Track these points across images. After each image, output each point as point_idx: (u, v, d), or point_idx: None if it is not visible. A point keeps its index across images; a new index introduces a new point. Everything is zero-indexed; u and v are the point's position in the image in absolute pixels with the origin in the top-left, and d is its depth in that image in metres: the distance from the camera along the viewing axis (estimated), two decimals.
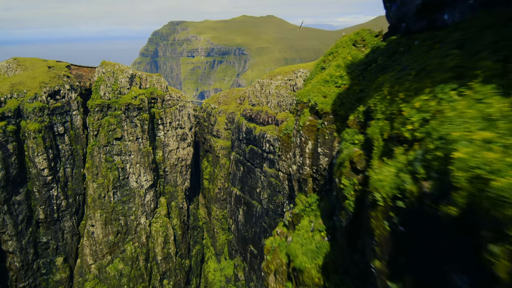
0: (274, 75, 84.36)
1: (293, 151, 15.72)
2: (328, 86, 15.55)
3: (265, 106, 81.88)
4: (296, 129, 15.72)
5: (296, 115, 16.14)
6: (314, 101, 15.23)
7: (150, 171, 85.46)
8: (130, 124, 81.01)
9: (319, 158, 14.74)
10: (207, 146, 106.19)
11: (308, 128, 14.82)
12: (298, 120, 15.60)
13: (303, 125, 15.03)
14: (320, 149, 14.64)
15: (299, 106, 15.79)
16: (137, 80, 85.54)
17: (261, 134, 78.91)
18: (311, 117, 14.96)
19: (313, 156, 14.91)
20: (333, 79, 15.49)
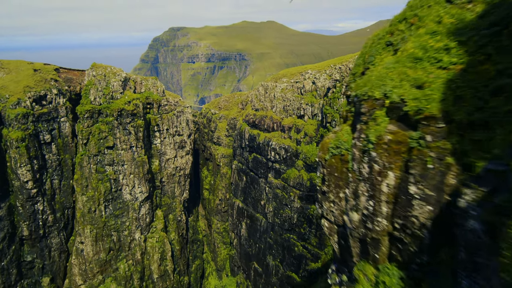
0: (279, 78, 77.16)
1: (354, 187, 8.54)
2: (422, 67, 8.26)
3: (270, 111, 74.59)
4: (360, 149, 8.48)
5: (357, 121, 8.95)
6: (397, 95, 7.98)
7: (145, 182, 77.97)
8: (123, 132, 73.67)
9: (412, 204, 7.53)
10: (207, 154, 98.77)
11: (389, 148, 7.57)
12: (364, 131, 8.35)
13: (378, 142, 7.77)
14: (415, 187, 7.42)
15: (364, 106, 8.52)
16: (131, 83, 78.36)
17: (266, 141, 71.54)
18: (393, 127, 7.73)
19: (397, 199, 7.69)
20: (431, 54, 8.21)
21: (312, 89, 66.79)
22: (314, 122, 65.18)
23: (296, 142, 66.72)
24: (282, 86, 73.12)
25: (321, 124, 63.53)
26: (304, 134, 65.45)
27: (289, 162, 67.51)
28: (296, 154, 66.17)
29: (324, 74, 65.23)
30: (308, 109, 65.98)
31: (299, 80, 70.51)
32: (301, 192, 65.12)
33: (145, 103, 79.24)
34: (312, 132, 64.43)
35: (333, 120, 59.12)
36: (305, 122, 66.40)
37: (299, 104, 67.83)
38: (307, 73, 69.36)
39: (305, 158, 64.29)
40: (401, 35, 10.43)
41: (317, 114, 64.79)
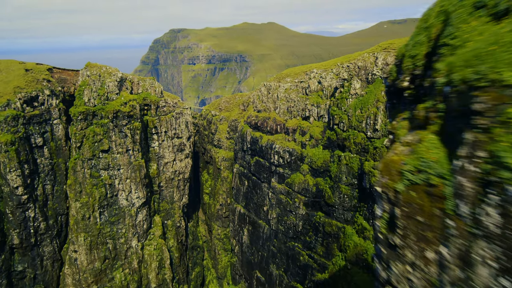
0: (282, 77, 73.19)
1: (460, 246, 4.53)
2: None
3: (273, 113, 70.59)
4: (476, 177, 4.51)
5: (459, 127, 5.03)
6: None
7: (143, 187, 73.98)
8: (119, 134, 69.73)
9: None
10: (207, 157, 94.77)
11: None
12: (483, 146, 4.45)
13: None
14: None
15: (483, 99, 4.60)
16: (128, 84, 74.46)
17: (269, 144, 67.49)
18: None
19: None
20: None
21: (318, 89, 62.80)
22: (320, 124, 61.17)
23: (301, 145, 62.70)
24: (286, 86, 69.14)
25: (327, 126, 59.51)
26: (310, 137, 61.43)
27: (293, 166, 63.48)
28: (301, 158, 62.14)
29: (331, 73, 61.24)
30: (314, 110, 61.97)
31: (303, 80, 66.53)
32: (306, 198, 61.05)
33: (142, 104, 75.35)
34: (318, 135, 60.41)
35: (341, 121, 55.12)
36: (311, 124, 62.39)
37: (304, 105, 63.84)
38: (312, 72, 65.38)
39: (310, 162, 60.24)
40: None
41: (324, 116, 60.79)
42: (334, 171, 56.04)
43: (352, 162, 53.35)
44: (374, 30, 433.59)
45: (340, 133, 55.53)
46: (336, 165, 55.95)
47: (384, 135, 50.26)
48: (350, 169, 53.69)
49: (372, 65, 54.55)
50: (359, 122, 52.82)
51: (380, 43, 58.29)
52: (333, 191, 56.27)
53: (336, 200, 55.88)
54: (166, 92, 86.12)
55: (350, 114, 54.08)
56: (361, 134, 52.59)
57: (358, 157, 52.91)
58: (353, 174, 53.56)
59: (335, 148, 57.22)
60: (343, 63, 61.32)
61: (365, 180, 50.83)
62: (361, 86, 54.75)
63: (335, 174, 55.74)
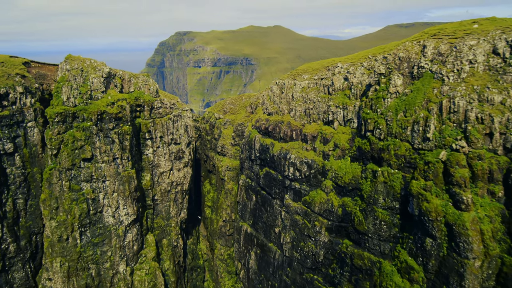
0: (298, 74, 60.84)
1: None
2: None
3: (287, 116, 58.22)
4: None
5: None
6: None
7: (133, 201, 61.83)
8: (104, 140, 57.73)
9: None
10: (210, 165, 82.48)
11: None
12: None
13: None
14: None
15: None
16: (117, 81, 62.53)
17: (282, 153, 55.08)
18: None
19: None
20: None
21: (344, 87, 50.33)
22: (347, 130, 48.64)
23: (322, 156, 50.18)
24: (303, 84, 56.78)
25: (357, 133, 47.00)
26: (334, 146, 48.92)
27: (313, 181, 50.95)
28: (322, 171, 49.62)
29: (361, 68, 48.80)
30: (339, 113, 49.48)
31: (325, 76, 54.09)
32: (329, 221, 48.45)
33: (134, 105, 63.37)
34: (345, 143, 47.88)
35: (377, 127, 42.58)
36: (335, 130, 49.88)
37: (326, 107, 51.38)
38: (337, 66, 52.94)
39: (335, 178, 47.69)
40: None
41: (352, 120, 48.27)
42: (366, 190, 43.42)
43: (392, 180, 40.73)
44: (382, 33, 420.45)
45: (375, 142, 42.96)
46: (369, 182, 43.32)
47: (439, 146, 37.64)
48: (390, 188, 41.04)
49: (418, 56, 42.01)
50: (403, 128, 40.24)
51: (426, 29, 45.66)
52: (365, 215, 43.62)
53: (369, 227, 43.22)
54: (162, 92, 74.21)
55: (390, 118, 41.53)
56: (405, 144, 39.99)
57: (401, 174, 40.28)
58: (393, 195, 40.90)
59: (367, 160, 44.63)
60: (375, 55, 48.84)
61: (412, 204, 38.17)
62: (404, 82, 42.23)
63: (369, 194, 43.11)
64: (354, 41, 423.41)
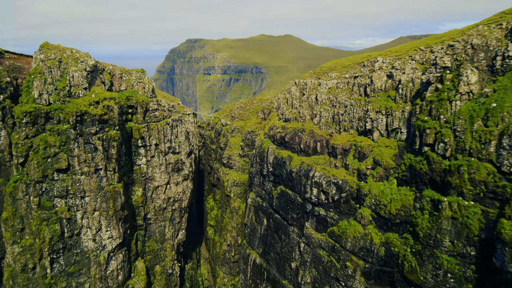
0: (323, 72, 48.92)
1: None
2: None
3: (309, 123, 46.21)
4: None
5: None
6: None
7: (118, 222, 50.13)
8: (84, 147, 46.35)
9: None
10: (214, 178, 70.59)
11: None
12: None
13: None
14: None
15: None
16: (105, 77, 51.39)
17: (303, 170, 42.96)
18: None
19: None
20: None
21: (388, 86, 38.25)
22: (392, 143, 36.41)
23: (357, 176, 37.95)
24: (330, 84, 44.82)
25: (407, 147, 34.75)
26: (374, 163, 36.69)
27: (344, 208, 38.66)
28: (357, 196, 37.35)
29: (411, 62, 36.71)
30: (381, 120, 37.36)
31: (360, 74, 42.07)
32: (367, 263, 35.98)
33: (124, 106, 52.10)
34: (389, 160, 35.62)
35: (441, 140, 30.27)
36: (375, 143, 37.71)
37: (362, 112, 39.29)
38: (376, 61, 40.93)
39: (375, 206, 35.35)
40: None
41: (399, 129, 36.08)
42: (423, 227, 30.98)
43: (466, 215, 28.26)
44: (395, 44, 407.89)
45: (437, 160, 30.63)
46: (427, 216, 30.90)
47: None
48: (462, 228, 28.55)
49: (502, 43, 29.79)
50: (483, 143, 27.93)
51: (506, 9, 33.40)
52: (420, 261, 31.13)
53: (426, 278, 30.66)
54: (160, 92, 63.03)
55: (460, 128, 29.25)
56: (487, 166, 27.59)
57: (480, 208, 27.82)
58: (468, 237, 28.38)
59: (423, 185, 32.28)
60: (430, 45, 36.76)
61: (500, 254, 25.70)
62: (480, 78, 30.00)
63: (426, 233, 30.64)
64: (367, 51, 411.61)
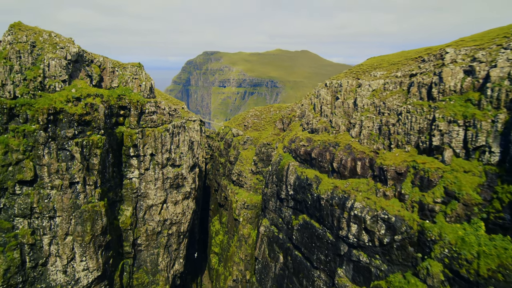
0: (363, 71, 37.70)
1: None
2: None
3: (344, 135, 34.89)
4: None
5: None
6: None
7: (98, 249, 39.25)
8: (58, 154, 36.06)
9: None
10: (221, 197, 59.38)
11: None
12: None
13: None
14: None
15: None
16: (93, 70, 41.48)
17: (336, 197, 31.43)
18: None
19: None
20: None
21: (466, 86, 26.75)
22: (475, 167, 24.70)
23: (419, 212, 26.19)
24: (375, 85, 33.59)
25: (503, 175, 22.93)
26: (446, 195, 24.98)
27: (397, 256, 26.81)
28: (420, 241, 25.52)
29: (504, 51, 25.25)
30: (456, 134, 25.79)
31: (419, 71, 30.72)
32: None
33: (115, 106, 41.94)
34: (472, 193, 23.86)
35: None
36: (446, 165, 26.04)
37: (425, 122, 27.82)
38: (445, 53, 29.55)
39: (451, 258, 23.44)
40: None
41: (487, 147, 24.42)
42: None
43: None
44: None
45: None
46: None
47: None
48: None
49: None
50: None
51: None
52: None
53: None
54: (162, 93, 52.88)
55: None
56: None
57: None
58: None
59: None
60: None
61: None
62: None
63: None
64: None
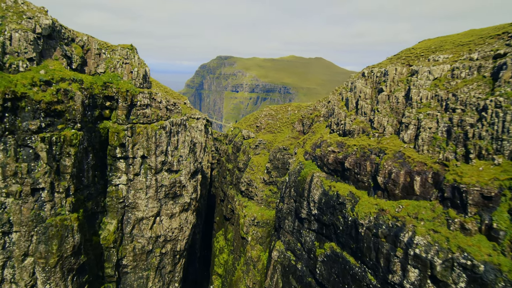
0: (417, 56, 28.16)
1: None
2: None
3: (393, 139, 25.46)
4: None
5: None
6: None
7: (67, 275, 30.51)
8: (16, 152, 27.62)
9: None
10: (227, 209, 50.19)
11: None
12: None
13: None
14: None
15: None
16: (75, 50, 33.14)
17: (385, 226, 21.99)
18: None
19: None
20: None
21: None
22: None
23: None
24: (438, 72, 24.07)
25: None
26: None
27: None
28: None
29: None
30: None
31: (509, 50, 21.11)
32: None
33: (99, 95, 33.52)
34: None
35: None
36: None
37: None
38: None
39: None
40: None
41: None
42: None
43: None
44: None
45: None
46: None
47: None
48: None
49: None
50: None
51: None
52: None
53: None
54: (159, 83, 44.29)
55: None
56: None
57: None
58: None
59: None
60: None
61: None
62: None
63: None
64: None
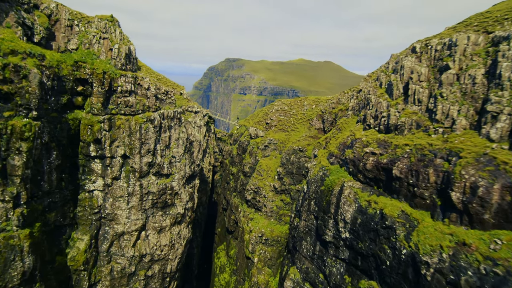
0: (500, 19, 19.71)
1: None
2: None
3: (468, 135, 17.14)
4: None
5: None
6: None
7: None
8: None
9: None
10: (230, 220, 42.02)
11: None
12: None
13: None
14: None
15: None
16: (36, 19, 25.55)
17: (471, 270, 13.72)
18: None
19: None
20: None
21: None
22: None
23: None
24: None
25: None
26: None
27: None
28: None
29: None
30: None
31: None
32: None
33: (68, 77, 25.85)
34: None
35: None
36: None
37: None
38: None
39: None
40: None
41: None
42: None
43: None
44: None
45: None
46: None
47: None
48: None
49: None
50: None
51: None
52: None
53: None
54: (150, 69, 36.45)
55: None
56: None
57: None
58: None
59: None
60: None
61: None
62: None
63: None
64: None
